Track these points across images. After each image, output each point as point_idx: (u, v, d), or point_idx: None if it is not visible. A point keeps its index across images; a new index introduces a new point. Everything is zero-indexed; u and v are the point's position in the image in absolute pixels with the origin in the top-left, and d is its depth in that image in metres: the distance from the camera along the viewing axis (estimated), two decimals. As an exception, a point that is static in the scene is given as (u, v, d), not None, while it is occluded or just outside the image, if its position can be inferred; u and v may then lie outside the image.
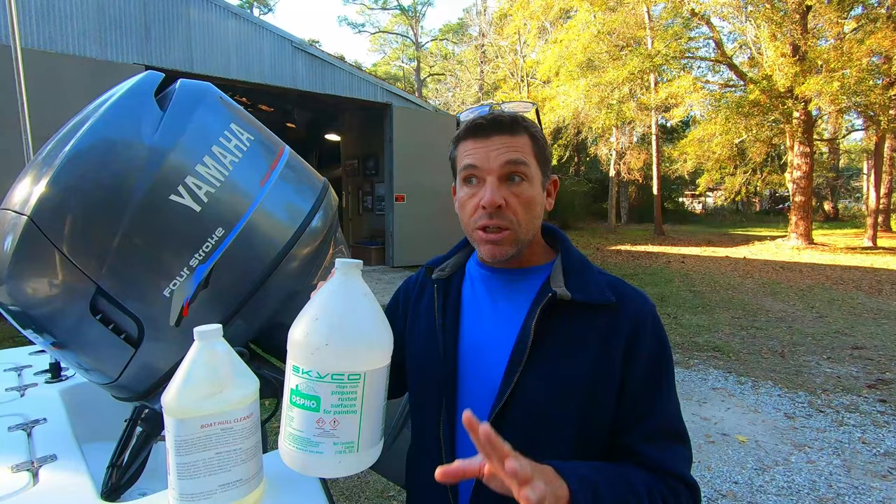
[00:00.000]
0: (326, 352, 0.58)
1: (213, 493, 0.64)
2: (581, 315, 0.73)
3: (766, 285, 8.29)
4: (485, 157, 0.72)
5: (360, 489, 2.50)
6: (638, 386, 0.72)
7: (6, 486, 0.77)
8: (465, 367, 0.78)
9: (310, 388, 0.59)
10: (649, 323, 0.74)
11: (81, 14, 6.23)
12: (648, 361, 0.72)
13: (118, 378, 0.88)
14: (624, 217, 24.37)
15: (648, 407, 0.72)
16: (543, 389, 0.71)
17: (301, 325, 0.61)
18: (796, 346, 4.92)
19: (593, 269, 0.79)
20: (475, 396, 0.76)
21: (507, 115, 0.74)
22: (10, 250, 0.77)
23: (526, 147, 0.73)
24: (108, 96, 0.90)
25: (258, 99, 10.88)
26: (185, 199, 0.86)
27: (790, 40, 12.41)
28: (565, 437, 0.71)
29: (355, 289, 0.64)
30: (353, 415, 0.60)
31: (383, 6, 31.63)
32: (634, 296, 0.76)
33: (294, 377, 0.60)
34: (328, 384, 0.58)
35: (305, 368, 0.59)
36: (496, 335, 0.77)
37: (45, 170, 0.80)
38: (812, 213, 14.78)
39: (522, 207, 0.73)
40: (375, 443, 0.66)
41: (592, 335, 0.72)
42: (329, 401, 0.59)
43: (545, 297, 0.73)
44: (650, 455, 0.69)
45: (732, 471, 2.67)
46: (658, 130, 18.12)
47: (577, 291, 0.73)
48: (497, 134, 0.73)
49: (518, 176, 0.72)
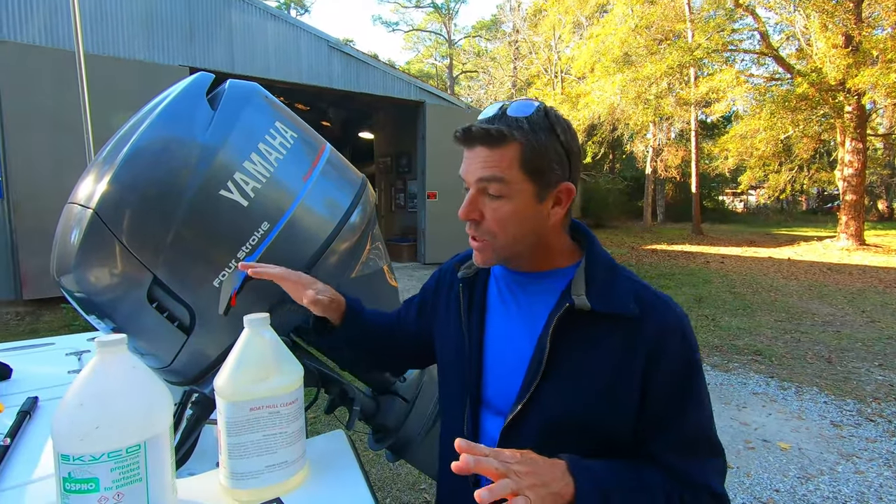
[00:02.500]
0: (98, 434, 0.56)
1: (260, 472, 0.68)
2: (601, 325, 0.70)
3: (812, 288, 7.92)
4: (466, 168, 0.72)
5: (391, 481, 2.55)
6: (661, 400, 0.69)
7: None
8: (488, 370, 0.79)
9: (84, 473, 0.56)
10: (674, 337, 0.70)
11: (131, 18, 6.54)
12: (672, 376, 0.69)
13: (171, 363, 0.93)
14: (660, 216, 23.70)
15: (673, 420, 0.69)
16: (560, 401, 0.70)
17: (64, 413, 0.58)
18: (845, 351, 4.68)
19: (621, 273, 0.75)
20: (497, 399, 0.77)
21: (490, 127, 0.68)
22: (77, 242, 0.83)
23: (508, 160, 0.68)
24: (164, 97, 0.95)
25: (295, 98, 11.13)
26: (233, 194, 0.91)
27: (843, 30, 11.75)
28: (582, 448, 0.68)
29: (122, 364, 0.62)
30: (138, 483, 0.59)
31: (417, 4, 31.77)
32: (661, 307, 0.71)
33: (65, 466, 0.56)
34: (105, 463, 0.57)
35: (77, 455, 0.56)
36: (516, 341, 0.77)
37: (106, 167, 0.86)
38: (864, 213, 13.99)
39: (498, 223, 0.70)
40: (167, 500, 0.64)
41: (612, 347, 0.70)
42: (109, 477, 0.57)
43: (562, 307, 0.70)
44: (673, 464, 0.68)
45: (774, 478, 2.58)
46: (697, 126, 17.53)
47: (598, 301, 0.70)
48: (479, 144, 0.70)
49: (492, 191, 0.69)
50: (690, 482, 0.67)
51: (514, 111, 0.70)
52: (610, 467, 0.65)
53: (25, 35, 5.87)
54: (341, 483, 0.75)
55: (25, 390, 1.13)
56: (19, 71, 5.69)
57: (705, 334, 5.26)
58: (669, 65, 13.84)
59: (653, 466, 0.68)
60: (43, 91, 5.72)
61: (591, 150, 19.67)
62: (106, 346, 0.60)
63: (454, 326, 0.85)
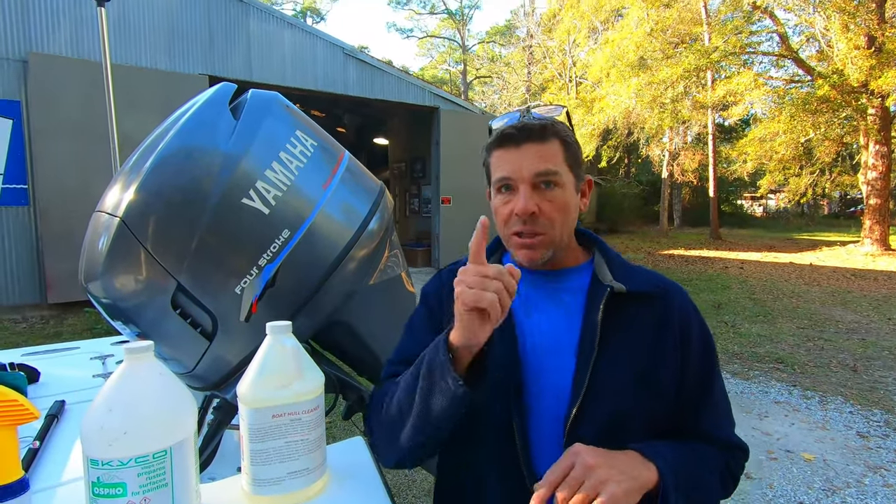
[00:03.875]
0: (126, 440, 0.58)
1: (282, 479, 0.68)
2: (634, 306, 0.76)
3: (835, 294, 7.73)
4: (517, 166, 0.74)
5: (406, 487, 2.54)
6: (696, 372, 0.76)
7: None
8: (529, 373, 0.76)
9: (112, 477, 0.58)
10: (694, 312, 0.79)
11: (153, 29, 6.70)
12: (701, 347, 0.77)
13: (194, 368, 0.95)
14: (677, 220, 23.39)
15: (708, 390, 0.77)
16: (616, 382, 0.72)
17: (93, 418, 0.59)
18: (871, 360, 4.56)
19: (630, 263, 0.82)
20: (545, 401, 0.74)
21: (537, 123, 0.74)
22: (104, 249, 0.85)
23: (557, 153, 0.74)
24: (189, 107, 0.97)
25: (311, 105, 11.27)
26: (255, 202, 0.92)
27: (865, 31, 11.52)
28: (638, 428, 0.72)
29: (150, 370, 0.62)
30: (164, 489, 0.60)
31: (431, 11, 32.02)
32: (675, 287, 0.80)
33: (93, 471, 0.58)
34: (132, 468, 0.58)
35: (105, 460, 0.57)
36: (554, 337, 0.77)
37: (133, 176, 0.88)
38: (889, 217, 13.62)
39: (557, 212, 0.74)
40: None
41: (647, 325, 0.75)
42: (136, 482, 0.58)
43: (603, 292, 0.75)
44: (711, 432, 0.76)
45: (798, 490, 2.51)
46: (715, 129, 17.29)
47: (629, 282, 0.76)
48: (527, 142, 0.74)
49: (550, 183, 0.74)
50: (728, 445, 0.76)
51: (543, 113, 0.77)
52: (671, 446, 0.69)
53: (52, 47, 6.05)
54: (362, 490, 0.75)
55: (53, 394, 1.16)
56: (46, 81, 5.86)
57: (724, 341, 5.16)
58: (686, 68, 13.71)
59: (697, 438, 0.75)
60: (68, 101, 5.89)
61: (606, 154, 19.53)
62: (134, 352, 0.61)
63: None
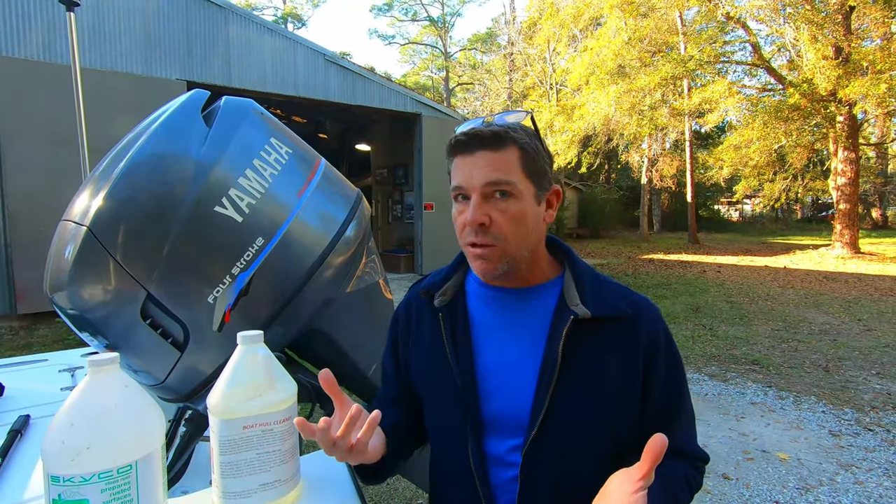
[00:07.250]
0: (89, 455, 0.56)
1: (253, 491, 0.67)
2: (600, 329, 0.73)
3: (808, 296, 7.94)
4: (468, 174, 0.70)
5: (388, 495, 2.52)
6: (663, 391, 0.75)
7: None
8: (487, 396, 0.75)
9: (75, 494, 0.56)
10: (662, 329, 0.76)
11: (129, 33, 6.58)
12: (667, 366, 0.75)
13: (165, 380, 0.93)
14: (656, 225, 23.81)
15: (675, 407, 0.76)
16: (575, 410, 0.71)
17: (55, 433, 0.57)
18: (842, 360, 4.68)
19: (602, 279, 0.78)
20: (503, 424, 0.74)
21: (489, 131, 0.70)
22: (70, 258, 0.83)
23: (511, 162, 0.70)
24: (160, 114, 0.95)
25: (292, 111, 11.19)
26: (228, 210, 0.91)
27: (832, 42, 11.93)
28: (600, 453, 0.71)
29: (114, 383, 0.61)
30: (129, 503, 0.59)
31: (413, 18, 32.12)
32: (646, 305, 0.77)
33: (55, 487, 0.56)
34: (96, 484, 0.56)
35: (67, 476, 0.56)
36: (516, 359, 0.75)
37: (102, 183, 0.86)
38: (858, 221, 14.08)
39: (510, 223, 0.70)
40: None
41: (613, 349, 0.73)
42: (99, 498, 0.57)
43: (567, 319, 0.72)
44: (688, 451, 0.76)
45: (773, 490, 2.56)
46: (692, 136, 17.68)
47: (595, 306, 0.72)
48: (480, 150, 0.70)
49: (504, 192, 0.70)
50: (695, 457, 0.76)
51: (504, 119, 0.73)
52: (660, 478, 0.67)
53: (24, 51, 5.90)
54: (336, 501, 0.74)
55: (17, 408, 1.12)
56: (17, 86, 5.71)
57: (703, 344, 5.25)
58: (663, 76, 14.00)
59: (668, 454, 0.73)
60: (40, 106, 5.74)
61: (586, 160, 19.78)
62: (98, 365, 0.59)
63: (439, 357, 0.79)
